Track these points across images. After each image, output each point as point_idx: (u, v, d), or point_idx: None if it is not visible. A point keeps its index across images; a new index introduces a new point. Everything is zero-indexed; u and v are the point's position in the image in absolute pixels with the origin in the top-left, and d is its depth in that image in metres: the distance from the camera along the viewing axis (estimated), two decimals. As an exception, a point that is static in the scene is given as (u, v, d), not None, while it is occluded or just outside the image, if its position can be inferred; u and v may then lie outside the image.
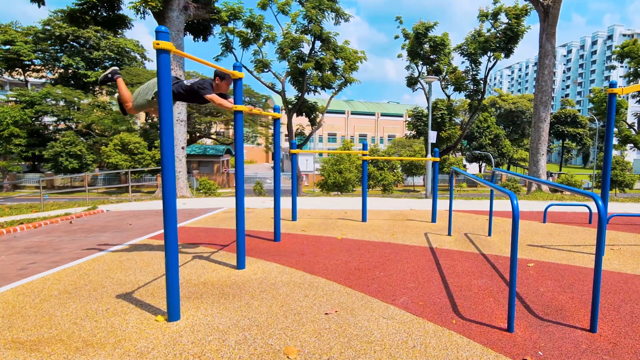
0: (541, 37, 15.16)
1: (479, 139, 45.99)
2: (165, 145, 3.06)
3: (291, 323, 3.07)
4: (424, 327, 2.99)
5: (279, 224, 5.66)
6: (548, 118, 15.29)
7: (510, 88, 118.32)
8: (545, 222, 7.15)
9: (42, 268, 4.46)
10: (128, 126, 41.55)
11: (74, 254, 5.03)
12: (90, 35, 42.13)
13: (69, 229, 6.67)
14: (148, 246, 5.45)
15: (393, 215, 7.92)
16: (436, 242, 5.62)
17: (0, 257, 4.91)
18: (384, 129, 76.86)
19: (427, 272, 4.30)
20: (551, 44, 14.99)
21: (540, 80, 15.09)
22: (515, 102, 49.00)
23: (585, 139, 51.92)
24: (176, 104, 16.42)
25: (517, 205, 2.83)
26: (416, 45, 32.41)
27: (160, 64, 2.98)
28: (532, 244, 5.57)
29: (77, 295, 3.66)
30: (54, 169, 36.30)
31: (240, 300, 3.53)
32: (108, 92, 45.62)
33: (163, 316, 3.18)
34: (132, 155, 37.43)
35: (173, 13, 16.43)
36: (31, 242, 5.69)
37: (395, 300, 3.53)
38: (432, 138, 13.88)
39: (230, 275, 4.21)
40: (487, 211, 8.57)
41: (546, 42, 14.97)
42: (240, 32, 26.04)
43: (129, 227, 6.76)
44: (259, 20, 25.98)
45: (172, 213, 3.09)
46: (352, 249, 5.30)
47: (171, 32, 16.09)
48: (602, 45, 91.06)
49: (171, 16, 16.38)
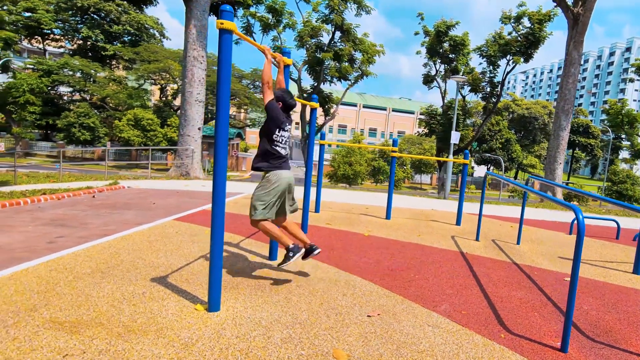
0: (568, 44, 14.78)
1: (489, 142, 45.52)
2: (220, 138, 2.91)
3: (334, 323, 2.94)
4: (472, 340, 2.86)
5: (307, 217, 5.52)
6: (569, 127, 15.00)
7: (524, 93, 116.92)
8: (571, 234, 6.97)
9: (71, 243, 4.35)
10: (142, 102, 41.40)
11: (101, 230, 4.92)
12: (112, 9, 41.76)
13: (92, 203, 6.56)
14: (175, 228, 5.33)
15: (415, 215, 7.76)
16: (465, 247, 5.47)
17: (27, 228, 4.81)
18: (394, 125, 76.31)
19: (463, 279, 4.15)
20: (578, 52, 14.63)
21: (564, 89, 14.76)
22: (529, 107, 48.37)
23: (596, 150, 51.30)
24: (196, 83, 16.26)
25: (583, 221, 2.67)
26: (436, 43, 31.92)
27: (223, 45, 2.82)
28: (562, 257, 5.41)
29: (111, 275, 3.54)
30: (66, 139, 36.28)
31: (278, 294, 3.40)
32: (124, 66, 45.45)
33: (202, 305, 3.06)
34: (145, 132, 37.30)
35: (199, -4, 16.12)
36: (56, 215, 5.58)
37: (436, 307, 3.39)
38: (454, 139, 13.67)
39: (263, 266, 4.08)
40: (510, 217, 8.42)
41: (573, 50, 14.60)
42: (262, 17, 25.72)
43: (153, 206, 6.65)
44: (281, 6, 25.64)
45: (221, 204, 2.95)
46: (381, 247, 5.16)
47: (196, 11, 15.85)
48: (620, 56, 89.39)
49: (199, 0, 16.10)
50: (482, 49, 31.56)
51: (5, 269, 3.48)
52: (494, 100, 32.49)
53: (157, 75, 43.52)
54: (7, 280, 3.27)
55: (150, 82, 45.58)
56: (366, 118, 74.46)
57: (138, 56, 41.48)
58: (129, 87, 42.26)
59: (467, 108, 34.04)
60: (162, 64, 39.86)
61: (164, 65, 39.89)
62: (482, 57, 31.72)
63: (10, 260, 3.72)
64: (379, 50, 28.96)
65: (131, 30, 44.51)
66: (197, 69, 16.17)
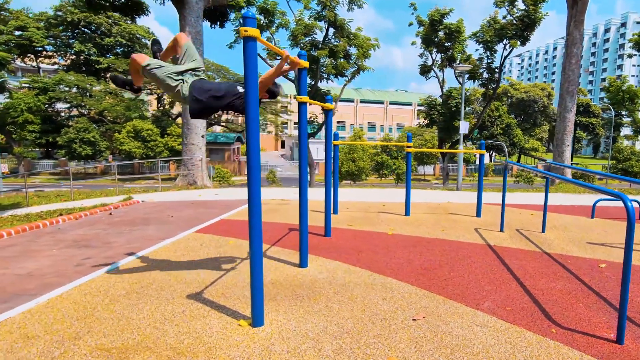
0: (569, 24, 14.68)
1: (490, 128, 45.40)
2: (252, 145, 2.85)
3: (382, 330, 2.89)
4: (524, 337, 2.81)
5: (329, 219, 5.48)
6: (574, 108, 14.91)
7: (520, 77, 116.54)
8: (594, 217, 6.91)
9: (100, 264, 4.31)
10: (140, 113, 41.42)
11: (126, 249, 4.88)
12: (102, 22, 41.74)
13: (110, 220, 6.53)
14: (198, 240, 5.29)
15: (432, 209, 7.71)
16: (492, 239, 5.41)
17: (52, 251, 4.77)
18: (392, 118, 76.18)
19: (498, 273, 4.10)
20: (579, 31, 14.53)
21: (567, 70, 14.67)
22: (528, 90, 48.23)
23: (598, 129, 51.15)
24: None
25: (632, 208, 2.61)
26: (431, 33, 31.77)
27: (248, 53, 2.76)
28: (591, 242, 5.35)
29: (146, 295, 3.50)
30: (68, 155, 36.29)
31: (317, 302, 3.36)
32: (119, 79, 45.35)
33: (245, 320, 3.01)
34: (145, 143, 37.33)
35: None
36: (77, 235, 5.54)
37: (479, 305, 3.34)
38: (463, 128, 13.59)
39: (295, 274, 4.04)
40: (525, 205, 8.36)
41: (574, 29, 14.50)
42: (254, 19, 25.62)
43: (171, 219, 6.60)
44: (273, 6, 25.50)
45: (258, 216, 2.90)
46: (408, 245, 5.11)
47: (190, 18, 15.78)
48: (615, 33, 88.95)
49: (190, 2, 16.01)
50: (478, 35, 31.38)
51: (40, 296, 3.44)
52: (493, 86, 32.36)
53: (153, 85, 43.50)
54: (45, 308, 3.23)
55: (147, 92, 45.56)
56: (364, 113, 74.34)
57: (132, 67, 41.46)
58: (125, 98, 42.25)
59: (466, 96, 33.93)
60: (157, 74, 39.82)
61: (159, 74, 39.85)
62: (479, 43, 31.55)
63: (43, 286, 3.68)
64: (373, 44, 28.80)
65: (123, 41, 44.48)
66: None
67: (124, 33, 43.87)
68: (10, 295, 3.48)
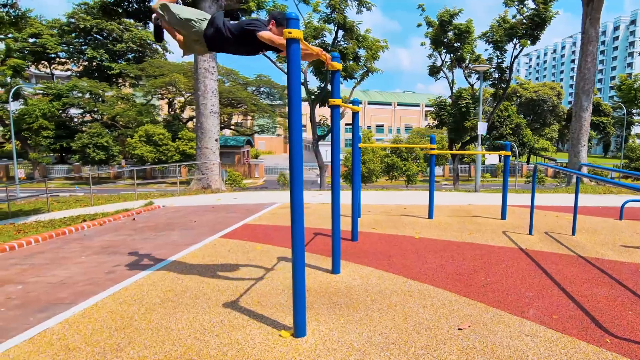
0: (584, 22, 14.44)
1: (499, 128, 44.92)
2: (295, 149, 2.77)
3: (428, 340, 2.79)
4: (579, 348, 2.68)
5: (356, 223, 5.37)
6: (590, 107, 14.65)
7: (528, 76, 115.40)
8: (622, 219, 6.73)
9: (130, 271, 4.25)
10: (151, 118, 41.63)
11: (154, 255, 4.82)
12: (114, 28, 42.10)
13: (134, 226, 6.49)
14: (225, 246, 5.21)
15: (454, 211, 7.57)
16: (523, 243, 5.27)
17: (81, 259, 4.72)
18: (400, 119, 75.87)
19: (536, 278, 3.97)
20: (595, 29, 14.28)
21: (583, 68, 14.42)
22: (537, 90, 47.68)
23: (609, 128, 50.41)
24: (209, 95, 16.17)
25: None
26: (440, 33, 31.54)
27: (291, 55, 2.68)
28: (625, 245, 5.19)
29: (182, 303, 3.43)
30: (82, 160, 36.64)
31: (357, 311, 3.25)
32: (131, 84, 45.76)
33: (287, 331, 2.92)
34: (157, 147, 37.51)
35: (205, 3, 16.06)
36: (104, 242, 5.50)
37: (524, 312, 3.22)
38: (482, 129, 13.39)
39: (329, 281, 3.94)
40: (546, 206, 8.18)
41: (590, 27, 14.26)
42: (264, 22, 25.61)
43: (194, 224, 6.55)
44: (282, 9, 25.48)
45: (299, 221, 2.82)
46: (438, 250, 4.99)
47: (204, 23, 15.81)
48: (625, 30, 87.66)
49: (203, 6, 16.00)
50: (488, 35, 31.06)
51: (75, 306, 3.38)
52: (503, 86, 32.06)
53: (164, 90, 43.78)
54: (82, 317, 3.17)
55: (158, 97, 45.88)
56: (372, 114, 74.12)
57: (143, 72, 41.77)
58: (137, 103, 42.58)
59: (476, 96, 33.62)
60: (168, 78, 40.10)
61: (170, 79, 40.12)
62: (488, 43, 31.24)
63: (77, 295, 3.62)
64: (382, 46, 28.64)
65: (134, 47, 44.86)
66: (209, 80, 16.13)
67: (135, 39, 44.24)
68: (45, 304, 3.43)
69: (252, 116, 53.25)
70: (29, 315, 3.20)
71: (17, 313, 3.25)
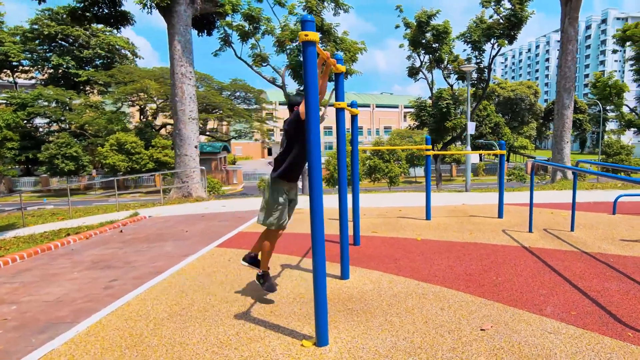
0: (563, 22, 14.96)
1: (479, 127, 45.99)
2: (313, 153, 2.75)
3: (454, 343, 2.80)
4: (603, 343, 2.74)
5: (358, 227, 5.38)
6: (572, 105, 15.16)
7: (505, 75, 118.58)
8: (615, 213, 6.97)
9: (129, 286, 4.13)
10: (122, 125, 40.72)
11: (151, 268, 4.70)
12: (80, 34, 41.14)
13: (123, 238, 6.31)
14: (224, 255, 5.13)
15: (450, 212, 7.68)
16: (525, 241, 5.39)
17: (73, 274, 4.56)
18: (379, 121, 76.62)
19: (547, 276, 4.05)
20: (574, 28, 14.81)
21: (564, 67, 14.92)
22: (514, 89, 49.07)
23: (585, 125, 52.27)
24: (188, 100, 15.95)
25: None
26: (418, 34, 32.08)
27: (308, 57, 2.68)
28: (624, 239, 5.37)
29: (191, 317, 3.35)
30: (50, 171, 35.49)
31: (375, 316, 3.25)
32: (100, 91, 44.71)
33: (308, 340, 2.89)
34: (129, 155, 36.72)
35: (180, 7, 15.86)
36: (95, 256, 5.33)
37: (542, 310, 3.28)
38: (471, 129, 13.66)
39: (340, 287, 3.92)
40: (538, 203, 8.39)
41: (569, 26, 14.78)
42: (239, 26, 25.43)
43: (186, 234, 6.42)
44: (257, 12, 25.35)
45: (320, 226, 2.80)
46: (443, 251, 5.04)
47: (179, 27, 15.60)
48: (596, 29, 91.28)
49: (179, 10, 15.82)
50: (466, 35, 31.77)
51: (77, 324, 3.26)
52: (482, 85, 32.83)
53: (135, 96, 42.93)
54: (87, 337, 3.05)
55: (128, 104, 44.95)
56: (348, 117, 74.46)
57: (113, 79, 40.86)
58: (107, 111, 41.61)
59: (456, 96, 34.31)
60: (139, 84, 39.36)
61: (141, 85, 39.40)
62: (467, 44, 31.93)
63: (77, 313, 3.49)
64: (360, 48, 28.88)
65: (102, 53, 43.87)
66: (187, 85, 15.91)
67: (103, 44, 43.28)
68: (45, 324, 3.29)
69: (228, 121, 52.82)
70: (30, 337, 3.06)
71: (17, 335, 3.10)
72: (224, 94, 48.14)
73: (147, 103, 44.48)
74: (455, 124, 33.38)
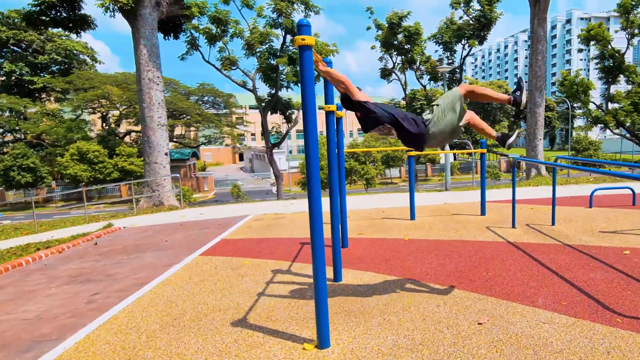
0: (532, 22, 15.61)
1: (452, 127, 47.09)
2: (312, 157, 2.81)
3: (454, 337, 2.91)
4: (596, 330, 2.91)
5: (346, 229, 5.46)
6: (544, 103, 15.81)
7: (475, 75, 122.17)
8: (592, 206, 7.33)
9: (113, 299, 4.06)
10: (83, 134, 39.53)
11: (134, 279, 4.63)
12: (34, 38, 39.73)
13: (99, 251, 6.16)
14: (209, 264, 5.10)
15: (433, 211, 7.88)
16: (509, 237, 5.61)
17: (51, 290, 4.43)
18: (353, 122, 77.26)
19: (534, 269, 4.25)
20: (543, 29, 15.47)
21: (534, 66, 15.55)
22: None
23: (554, 122, 54.43)
24: (156, 106, 15.68)
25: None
26: (390, 36, 32.70)
27: (305, 61, 2.74)
28: (603, 231, 5.67)
29: (185, 327, 3.33)
30: (5, 184, 34.04)
31: (373, 316, 3.33)
32: (57, 98, 43.23)
33: (309, 343, 2.94)
34: (92, 165, 35.67)
35: (145, 10, 15.60)
36: (72, 270, 5.19)
37: (534, 302, 3.44)
38: None
39: (334, 289, 3.99)
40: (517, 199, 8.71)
41: (538, 27, 15.43)
42: (206, 29, 25.23)
43: (166, 244, 6.33)
44: (225, 15, 25.19)
45: (319, 229, 2.86)
46: (431, 249, 5.19)
47: (144, 30, 15.35)
48: (562, 29, 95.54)
49: (144, 14, 15.56)
50: (437, 36, 32.60)
51: (64, 341, 3.18)
52: (454, 85, 33.71)
53: (96, 103, 41.77)
54: (76, 353, 2.99)
55: (89, 111, 43.70)
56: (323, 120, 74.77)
57: (71, 85, 39.63)
58: (65, 119, 40.33)
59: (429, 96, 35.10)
60: (100, 91, 38.34)
61: (102, 91, 38.37)
62: (438, 44, 32.78)
63: (62, 329, 3.41)
64: (332, 50, 29.17)
65: (59, 58, 42.47)
66: (155, 91, 15.65)
67: (59, 50, 41.90)
68: (29, 342, 3.20)
69: (196, 127, 52.06)
70: (15, 357, 2.98)
71: (0, 355, 3.01)
72: (192, 98, 47.47)
73: (109, 110, 43.32)
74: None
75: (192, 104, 45.49)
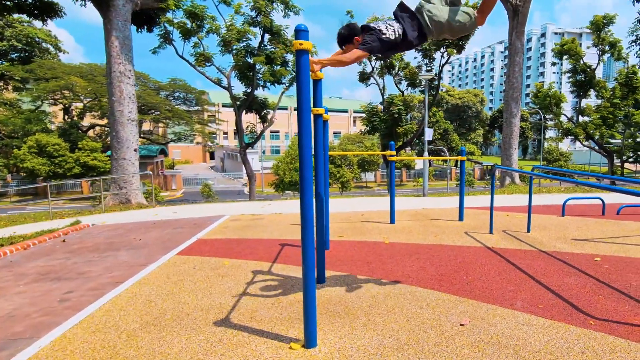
0: (510, 35, 16.21)
1: (428, 134, 48.27)
2: (305, 160, 2.90)
3: (438, 338, 3.05)
4: (571, 331, 3.12)
5: (327, 231, 5.55)
6: (519, 114, 16.41)
7: (452, 83, 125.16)
8: (564, 215, 7.70)
9: (88, 297, 4.01)
10: (42, 126, 38.19)
11: (109, 278, 4.58)
12: (-9, 24, 38.17)
13: (68, 248, 6.02)
14: (187, 263, 5.09)
15: (412, 216, 8.08)
16: (487, 242, 5.84)
17: (20, 288, 4.33)
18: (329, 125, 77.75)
19: (512, 273, 4.46)
20: (520, 41, 16.09)
21: (511, 77, 16.15)
22: (462, 97, 52.02)
23: (527, 132, 56.44)
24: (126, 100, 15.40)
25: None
26: (369, 40, 33.07)
27: (301, 66, 2.83)
28: (575, 239, 5.98)
29: (166, 326, 3.35)
30: (-46, 177, 32.48)
31: (357, 317, 3.44)
32: (15, 87, 41.62)
33: (296, 343, 3.01)
34: (52, 159, 34.51)
35: (119, 1, 15.29)
36: (40, 267, 5.07)
37: (513, 305, 3.63)
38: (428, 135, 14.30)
39: (318, 289, 4.07)
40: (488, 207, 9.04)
41: (516, 39, 16.04)
42: (180, 23, 24.92)
43: (141, 242, 6.26)
44: (201, 10, 24.96)
45: (310, 230, 2.94)
46: (412, 253, 5.35)
47: (117, 22, 15.06)
48: (536, 42, 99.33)
49: (117, 4, 15.24)
50: (417, 43, 33.22)
51: (39, 339, 3.14)
52: (432, 92, 34.47)
53: (58, 94, 40.44)
54: (53, 351, 2.97)
55: (50, 102, 42.27)
56: (299, 121, 74.91)
57: (32, 74, 38.22)
58: (24, 110, 38.89)
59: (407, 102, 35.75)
60: (63, 81, 37.15)
61: (66, 82, 37.21)
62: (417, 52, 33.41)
63: (35, 328, 3.36)
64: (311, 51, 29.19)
65: (19, 45, 40.93)
66: (126, 84, 15.37)
67: (20, 36, 40.40)
68: (1, 341, 3.14)
69: (165, 123, 51.11)
70: (-12, 355, 2.92)
71: (-28, 354, 2.95)
72: (162, 94, 46.61)
73: (72, 102, 42.02)
74: (406, 130, 34.68)
75: (162, 99, 44.66)
